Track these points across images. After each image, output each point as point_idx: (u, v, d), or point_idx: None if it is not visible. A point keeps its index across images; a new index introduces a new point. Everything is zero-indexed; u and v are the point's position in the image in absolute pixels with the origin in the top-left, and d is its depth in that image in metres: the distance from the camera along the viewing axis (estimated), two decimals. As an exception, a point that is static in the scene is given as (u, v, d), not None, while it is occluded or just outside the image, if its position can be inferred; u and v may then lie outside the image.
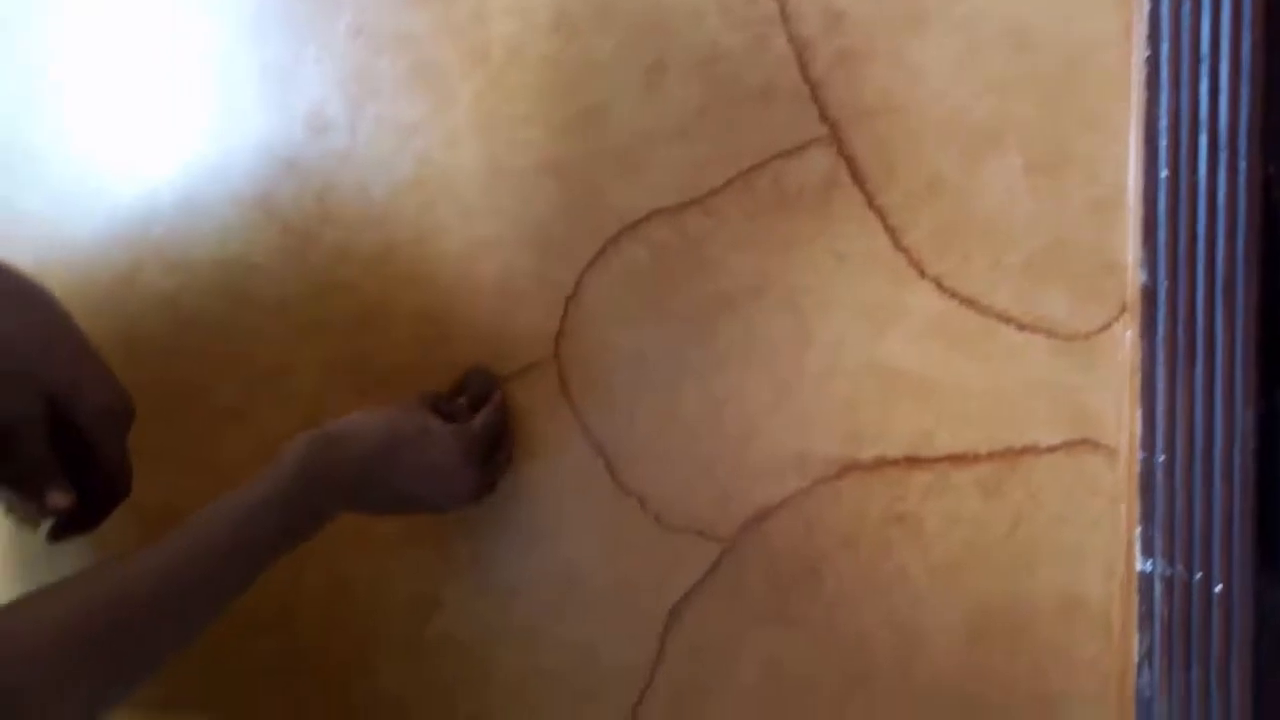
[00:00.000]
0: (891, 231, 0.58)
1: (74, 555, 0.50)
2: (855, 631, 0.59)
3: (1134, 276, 0.57)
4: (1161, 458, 0.57)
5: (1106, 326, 0.57)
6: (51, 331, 0.52)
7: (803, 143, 0.58)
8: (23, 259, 0.63)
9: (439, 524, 0.62)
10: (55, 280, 0.63)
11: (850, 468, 0.59)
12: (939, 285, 0.58)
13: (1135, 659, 0.58)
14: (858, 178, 0.58)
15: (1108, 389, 0.58)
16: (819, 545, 0.59)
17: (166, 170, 0.64)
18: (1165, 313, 0.56)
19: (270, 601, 0.63)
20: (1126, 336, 0.57)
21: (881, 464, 0.59)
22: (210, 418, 0.64)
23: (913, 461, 0.59)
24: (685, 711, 0.61)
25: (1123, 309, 0.57)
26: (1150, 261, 0.56)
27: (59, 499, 0.51)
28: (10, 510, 0.66)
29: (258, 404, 0.63)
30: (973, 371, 0.58)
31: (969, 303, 0.58)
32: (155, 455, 0.64)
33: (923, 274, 0.58)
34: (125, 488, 0.55)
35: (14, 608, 0.41)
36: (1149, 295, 0.56)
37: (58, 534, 0.54)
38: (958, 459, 0.58)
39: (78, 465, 0.52)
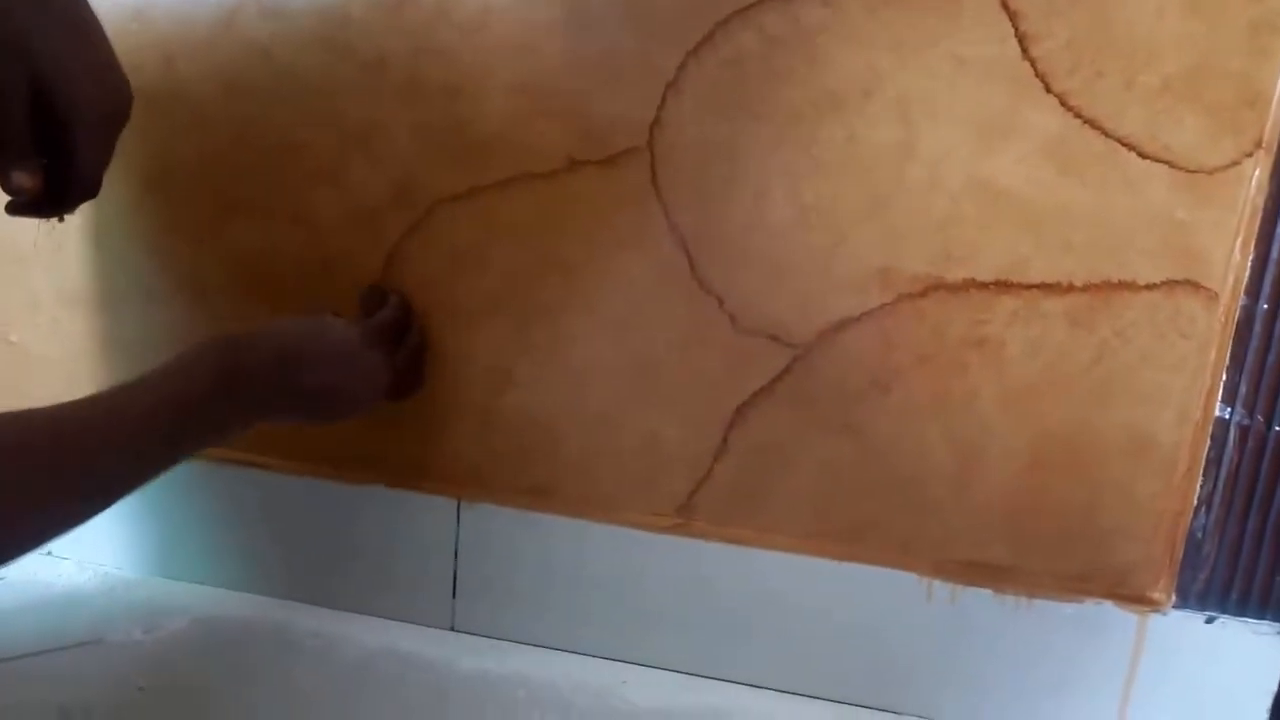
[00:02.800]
0: (1022, 38, 0.54)
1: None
2: (916, 446, 0.60)
3: (1278, 111, 0.53)
4: (1264, 306, 0.55)
5: (1235, 163, 0.54)
6: (47, 4, 0.48)
7: (940, -70, 0.54)
8: (123, -7, 0.63)
9: (518, 303, 0.63)
10: (157, 18, 0.63)
11: (936, 286, 0.58)
12: (1063, 103, 0.55)
13: (1194, 502, 0.59)
14: (994, -25, 0.54)
15: (1221, 230, 0.55)
16: (894, 360, 0.60)
17: (264, -90, 0.61)
18: (1303, 153, 0.53)
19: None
20: (1255, 175, 0.54)
21: (970, 286, 0.58)
22: (303, 173, 0.64)
23: (1003, 286, 0.57)
24: (740, 505, 0.64)
25: (1257, 145, 0.53)
26: (1300, 95, 0.52)
27: (22, 180, 0.48)
28: None
29: (349, 162, 0.63)
30: (1082, 199, 0.56)
31: (1092, 124, 0.54)
32: (251, 205, 0.65)
33: (1048, 89, 0.54)
34: (93, 188, 0.51)
35: None
36: (1290, 132, 0.53)
37: (13, 210, 0.51)
38: (1050, 288, 0.57)
39: (55, 151, 0.49)
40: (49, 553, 0.74)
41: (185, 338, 0.68)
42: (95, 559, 0.73)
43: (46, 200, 0.51)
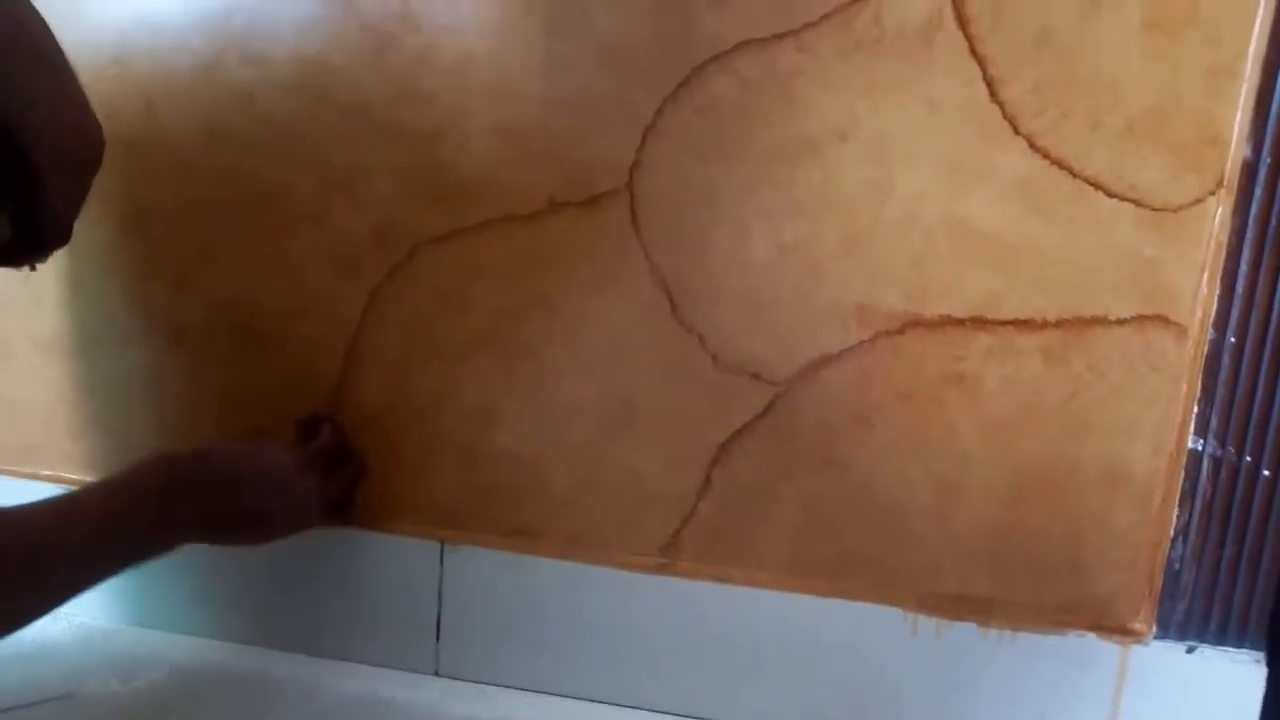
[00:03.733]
0: (990, 82, 0.56)
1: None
2: (898, 481, 0.61)
3: (1237, 150, 0.55)
4: (1232, 340, 0.57)
5: (1199, 201, 0.56)
6: (15, 46, 0.45)
7: (910, -21, 0.55)
8: (107, 40, 0.63)
9: (501, 343, 0.63)
10: (138, 63, 0.64)
11: (914, 323, 0.59)
12: (1031, 144, 0.56)
13: (1171, 533, 0.59)
14: (963, 21, 0.55)
15: (1189, 266, 0.56)
16: (874, 397, 0.60)
17: (245, -41, 0.62)
18: (1263, 191, 0.55)
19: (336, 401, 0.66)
20: (1218, 213, 0.55)
21: (946, 322, 0.59)
22: (285, 216, 0.64)
23: (979, 323, 0.59)
24: (725, 542, 0.64)
25: (1219, 183, 0.55)
26: (1258, 135, 0.54)
27: None
28: None
29: (332, 206, 0.63)
30: (1052, 237, 0.57)
31: (1060, 165, 0.56)
32: (231, 249, 0.65)
33: (1016, 130, 0.56)
34: (64, 236, 0.50)
35: None
36: (1250, 171, 0.55)
37: None
38: (1024, 324, 0.58)
39: (26, 198, 0.47)
40: (21, 603, 0.72)
41: (162, 383, 0.68)
42: (69, 610, 0.71)
43: (16, 249, 0.50)
